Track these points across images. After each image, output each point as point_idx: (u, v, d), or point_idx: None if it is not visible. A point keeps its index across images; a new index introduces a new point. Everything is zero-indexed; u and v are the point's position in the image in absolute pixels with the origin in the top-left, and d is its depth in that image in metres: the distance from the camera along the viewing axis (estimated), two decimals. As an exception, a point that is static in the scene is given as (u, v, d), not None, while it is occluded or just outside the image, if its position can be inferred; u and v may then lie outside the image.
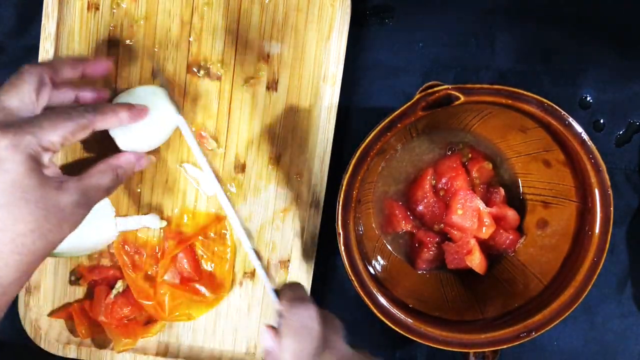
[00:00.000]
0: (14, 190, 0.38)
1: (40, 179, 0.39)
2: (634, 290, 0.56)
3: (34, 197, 0.39)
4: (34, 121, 0.40)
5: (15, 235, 0.38)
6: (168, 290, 0.53)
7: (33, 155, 0.39)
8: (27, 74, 0.42)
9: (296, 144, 0.53)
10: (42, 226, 0.39)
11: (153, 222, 0.53)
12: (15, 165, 0.38)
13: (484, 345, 0.46)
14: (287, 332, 0.42)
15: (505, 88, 0.44)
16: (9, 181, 0.38)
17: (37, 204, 0.39)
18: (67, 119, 0.41)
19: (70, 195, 0.41)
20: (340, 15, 0.51)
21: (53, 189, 0.40)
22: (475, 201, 0.51)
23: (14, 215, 0.38)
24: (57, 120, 0.40)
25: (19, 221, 0.38)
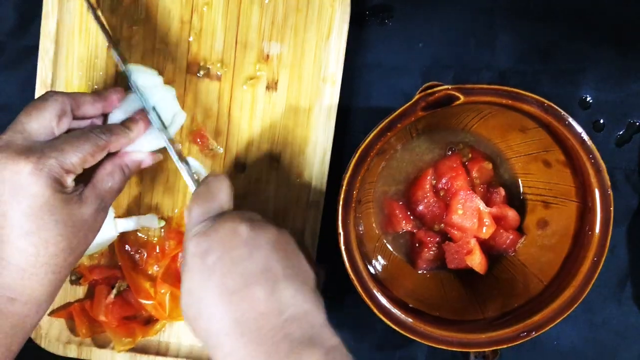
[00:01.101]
0: (43, 214, 0.39)
1: (64, 198, 0.40)
2: (634, 290, 0.56)
3: (61, 217, 0.40)
4: (55, 145, 0.41)
5: (49, 257, 0.40)
6: (168, 290, 0.53)
7: (57, 178, 0.40)
8: (52, 100, 0.43)
9: (296, 144, 0.53)
10: (71, 242, 0.41)
11: (152, 222, 0.54)
12: (41, 189, 0.39)
13: (484, 345, 0.46)
14: (194, 197, 0.42)
15: (505, 88, 0.44)
16: (37, 206, 0.39)
17: (66, 223, 0.40)
18: (86, 142, 0.42)
19: (90, 205, 0.42)
20: (340, 15, 0.51)
21: (76, 204, 0.41)
22: (476, 201, 0.51)
23: (45, 239, 0.39)
24: (77, 143, 0.41)
25: (51, 244, 0.40)
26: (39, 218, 0.39)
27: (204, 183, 0.43)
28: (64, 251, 0.40)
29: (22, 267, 0.39)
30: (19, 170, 0.38)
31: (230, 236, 0.38)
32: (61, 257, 0.40)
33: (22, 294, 0.40)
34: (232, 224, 0.39)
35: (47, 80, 0.52)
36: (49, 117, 0.42)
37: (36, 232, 0.39)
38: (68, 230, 0.40)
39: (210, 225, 0.39)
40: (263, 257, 0.38)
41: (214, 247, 0.38)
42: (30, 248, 0.39)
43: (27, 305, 0.40)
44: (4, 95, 0.56)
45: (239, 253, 0.38)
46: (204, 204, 0.41)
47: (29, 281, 0.40)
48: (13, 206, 0.39)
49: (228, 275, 0.37)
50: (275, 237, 0.40)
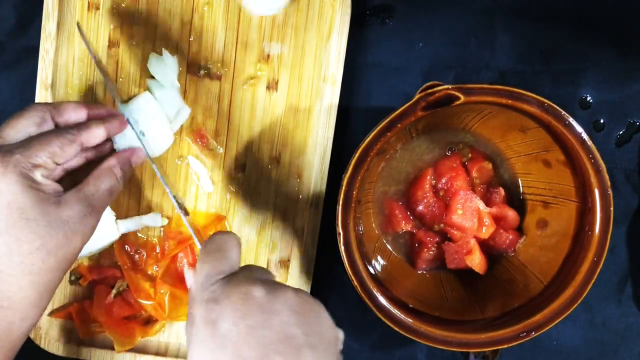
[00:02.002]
0: (12, 212, 0.38)
1: (36, 195, 0.39)
2: (634, 290, 0.56)
3: (32, 215, 0.39)
4: (21, 143, 0.40)
5: (22, 257, 0.38)
6: (168, 290, 0.53)
7: (24, 173, 0.39)
8: (31, 109, 0.42)
9: (296, 144, 0.53)
10: (47, 243, 0.39)
11: (155, 221, 0.54)
12: (7, 185, 0.38)
13: (484, 345, 0.46)
14: (202, 256, 0.39)
15: (505, 88, 0.44)
16: (4, 203, 0.38)
17: (38, 222, 0.39)
18: (53, 136, 0.41)
19: (71, 207, 0.41)
20: (340, 15, 0.51)
21: (52, 204, 0.40)
22: (475, 201, 0.51)
23: (16, 237, 0.38)
24: (43, 138, 0.41)
25: (23, 242, 0.38)
26: (7, 216, 0.38)
27: (213, 240, 0.39)
28: (39, 250, 0.39)
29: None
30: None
31: (245, 300, 0.35)
32: (37, 256, 0.39)
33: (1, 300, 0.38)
34: (246, 287, 0.35)
35: (47, 80, 0.52)
36: (25, 124, 0.41)
37: (7, 231, 0.38)
38: (42, 229, 0.39)
39: (221, 288, 0.36)
40: (282, 323, 0.34)
41: (226, 313, 0.34)
42: (2, 247, 0.38)
43: (9, 311, 0.39)
44: (4, 95, 0.56)
45: (255, 320, 0.34)
46: (213, 264, 0.37)
47: (7, 284, 0.38)
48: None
49: (243, 345, 0.33)
50: (294, 299, 0.36)
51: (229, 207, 0.54)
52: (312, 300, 0.37)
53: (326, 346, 0.35)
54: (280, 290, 0.36)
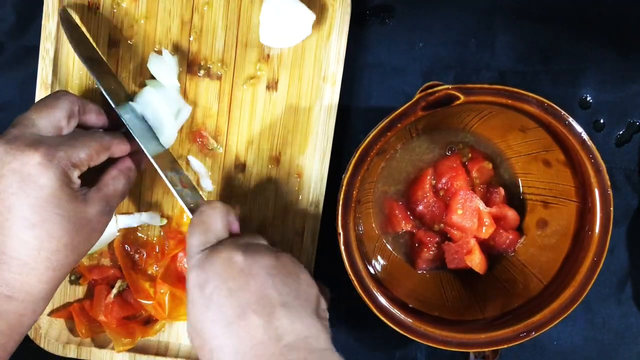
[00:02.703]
0: (49, 207, 0.39)
1: (70, 193, 0.40)
2: (634, 290, 0.56)
3: (66, 212, 0.40)
4: (63, 140, 0.41)
5: (50, 252, 0.40)
6: (168, 290, 0.53)
7: (65, 171, 0.40)
8: (64, 99, 0.44)
9: (296, 144, 0.53)
10: (73, 240, 0.41)
11: (154, 220, 0.54)
12: (49, 181, 0.39)
13: (484, 345, 0.46)
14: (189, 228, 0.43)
15: (505, 88, 0.44)
16: (44, 197, 0.39)
17: (70, 220, 0.40)
18: (93, 139, 0.43)
19: (94, 206, 0.42)
20: (340, 15, 0.51)
21: (81, 203, 0.41)
22: (475, 201, 0.51)
23: (49, 233, 0.39)
24: (85, 139, 0.42)
25: (54, 238, 0.40)
26: (45, 210, 0.39)
27: (199, 213, 0.43)
28: (66, 247, 0.40)
29: (23, 262, 0.39)
30: (28, 161, 0.39)
31: (226, 266, 0.39)
32: (62, 253, 0.40)
33: (20, 291, 0.39)
34: (227, 254, 0.40)
35: (47, 80, 0.52)
36: (59, 116, 0.43)
37: (41, 225, 0.39)
38: (71, 226, 0.40)
39: (206, 256, 0.40)
40: (259, 285, 0.38)
41: (210, 278, 0.39)
42: (34, 241, 0.39)
43: (23, 304, 0.40)
44: (4, 95, 0.56)
45: (235, 283, 0.38)
46: (200, 235, 0.42)
47: (28, 277, 0.39)
48: (20, 197, 0.39)
49: (226, 306, 0.38)
50: (272, 262, 0.40)
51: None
52: (290, 263, 0.41)
53: (301, 303, 0.39)
54: (260, 254, 0.40)
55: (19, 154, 0.39)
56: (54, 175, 0.39)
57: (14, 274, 0.39)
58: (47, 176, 0.39)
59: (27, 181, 0.39)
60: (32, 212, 0.39)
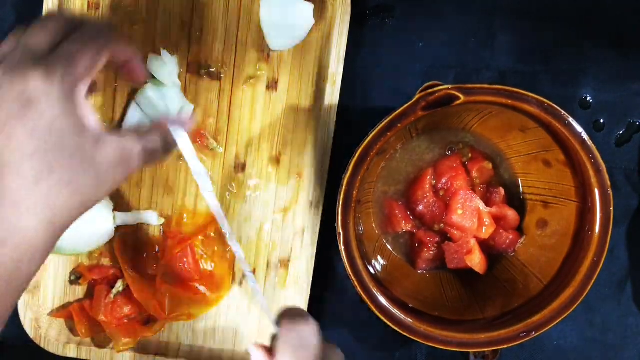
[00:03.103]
0: (50, 136, 0.34)
1: (76, 124, 0.35)
2: (634, 290, 0.56)
3: (70, 144, 0.34)
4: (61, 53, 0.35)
5: (50, 187, 0.34)
6: (168, 290, 0.53)
7: (68, 93, 0.35)
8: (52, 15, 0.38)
9: (296, 144, 0.53)
10: (77, 179, 0.35)
11: (151, 219, 0.54)
12: (50, 105, 0.34)
13: (484, 345, 0.46)
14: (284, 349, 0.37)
15: (505, 88, 0.44)
16: (44, 125, 0.34)
17: (73, 154, 0.35)
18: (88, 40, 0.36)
19: (107, 151, 0.36)
20: (340, 15, 0.51)
21: (90, 140, 0.35)
22: (475, 201, 0.51)
23: (49, 164, 0.34)
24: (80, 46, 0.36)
25: (54, 171, 0.34)
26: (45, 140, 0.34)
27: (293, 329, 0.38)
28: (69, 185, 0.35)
29: (18, 198, 0.34)
30: (27, 83, 0.33)
31: None
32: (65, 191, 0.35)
33: (14, 234, 0.34)
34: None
35: (47, 80, 0.52)
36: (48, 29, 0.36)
37: (40, 155, 0.34)
38: (75, 163, 0.35)
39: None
40: None
41: None
42: (30, 172, 0.34)
43: (19, 249, 0.34)
44: (4, 95, 0.56)
45: None
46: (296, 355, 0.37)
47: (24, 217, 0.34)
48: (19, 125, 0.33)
49: None
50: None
51: (229, 207, 0.54)
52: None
53: None
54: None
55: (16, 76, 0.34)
56: (55, 99, 0.34)
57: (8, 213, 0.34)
58: (48, 103, 0.34)
59: (28, 107, 0.33)
60: (31, 140, 0.33)
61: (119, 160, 0.37)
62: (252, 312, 0.55)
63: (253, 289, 0.43)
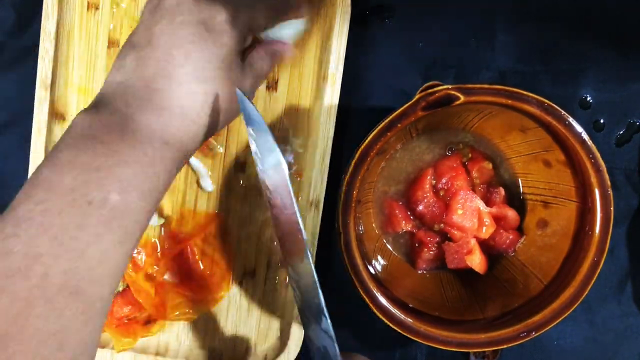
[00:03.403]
0: (223, 66, 0.38)
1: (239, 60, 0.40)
2: (634, 290, 0.56)
3: (233, 76, 0.39)
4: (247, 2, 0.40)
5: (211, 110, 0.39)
6: (168, 290, 0.53)
7: (244, 34, 0.39)
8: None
9: (296, 144, 0.53)
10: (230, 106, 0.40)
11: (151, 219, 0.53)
12: (230, 40, 0.38)
13: (484, 345, 0.46)
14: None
15: (505, 88, 0.44)
16: (221, 55, 0.38)
17: (231, 87, 0.39)
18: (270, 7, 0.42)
19: (248, 80, 0.42)
20: (340, 15, 0.51)
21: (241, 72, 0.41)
22: (475, 201, 0.51)
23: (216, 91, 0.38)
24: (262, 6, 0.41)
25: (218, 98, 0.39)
26: (219, 68, 0.38)
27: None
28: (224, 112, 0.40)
29: (185, 113, 0.37)
30: (215, 16, 0.38)
31: None
32: (220, 115, 0.39)
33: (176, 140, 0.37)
34: None
35: (47, 80, 0.52)
36: None
37: (212, 81, 0.38)
38: (231, 93, 0.39)
39: None
40: None
41: None
42: (202, 95, 0.38)
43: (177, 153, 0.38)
44: (4, 95, 0.56)
45: None
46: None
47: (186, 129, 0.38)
48: (199, 49, 0.37)
49: None
50: None
51: (229, 207, 0.54)
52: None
53: None
54: None
55: (207, 6, 0.38)
56: (235, 36, 0.38)
57: (175, 121, 0.37)
58: (229, 36, 0.38)
59: (210, 35, 0.37)
60: (207, 66, 0.37)
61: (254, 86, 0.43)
62: (252, 312, 0.55)
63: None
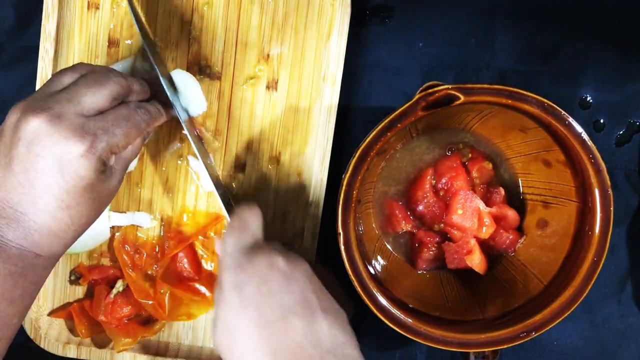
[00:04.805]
0: (84, 192, 0.41)
1: (102, 177, 0.42)
2: (634, 290, 0.56)
3: (98, 194, 0.42)
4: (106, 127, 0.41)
5: (79, 226, 0.42)
6: (168, 290, 0.53)
7: (103, 160, 0.41)
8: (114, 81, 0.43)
9: (296, 144, 0.53)
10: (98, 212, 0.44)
11: (144, 221, 0.54)
12: (89, 172, 0.40)
13: (484, 345, 0.46)
14: (228, 229, 0.43)
15: (505, 88, 0.44)
16: (81, 186, 0.40)
17: (97, 198, 0.42)
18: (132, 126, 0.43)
19: (117, 177, 0.44)
20: (340, 15, 0.51)
21: (108, 179, 0.43)
22: (475, 201, 0.51)
23: (81, 213, 0.41)
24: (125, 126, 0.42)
25: (85, 216, 0.42)
26: (80, 195, 0.41)
27: (237, 215, 0.44)
28: (92, 220, 0.43)
29: (53, 232, 0.41)
30: (71, 151, 0.39)
31: (267, 268, 0.39)
32: (88, 224, 0.43)
33: (47, 251, 0.42)
34: (269, 256, 0.40)
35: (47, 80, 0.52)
36: (107, 95, 0.42)
37: (75, 207, 0.41)
38: (99, 204, 0.43)
39: (245, 257, 0.40)
40: (300, 289, 0.39)
41: (251, 278, 0.39)
42: (67, 219, 0.41)
43: (49, 260, 0.43)
44: (4, 95, 0.56)
45: (277, 284, 0.38)
46: (238, 237, 0.42)
47: (57, 243, 0.42)
48: (57, 181, 0.39)
49: (265, 306, 0.37)
50: (310, 270, 0.41)
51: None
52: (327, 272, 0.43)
53: (337, 310, 0.40)
54: (299, 261, 0.41)
55: (62, 141, 0.39)
56: (94, 167, 0.40)
57: (44, 239, 0.41)
58: (87, 168, 0.40)
59: (67, 169, 0.39)
60: (67, 196, 0.40)
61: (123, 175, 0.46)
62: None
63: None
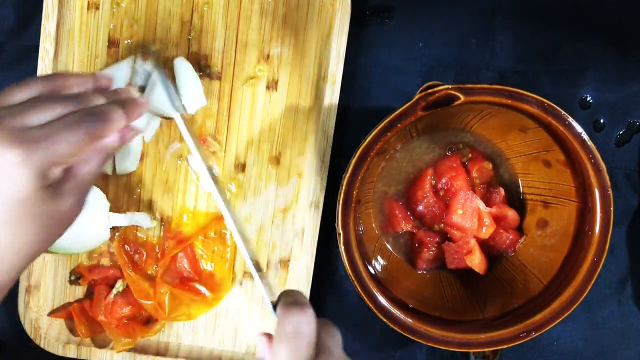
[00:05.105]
0: (21, 208, 0.37)
1: (45, 193, 0.38)
2: (634, 290, 0.56)
3: (38, 211, 0.38)
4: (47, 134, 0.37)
5: (19, 248, 0.38)
6: (168, 290, 0.53)
7: (42, 173, 0.37)
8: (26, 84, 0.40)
9: (296, 144, 0.53)
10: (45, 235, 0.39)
11: (144, 221, 0.54)
12: (26, 182, 0.36)
13: (484, 345, 0.46)
14: (280, 337, 0.37)
15: (505, 88, 0.44)
16: (19, 198, 0.37)
17: (41, 218, 0.38)
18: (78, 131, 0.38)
19: (69, 199, 0.40)
20: (340, 15, 0.51)
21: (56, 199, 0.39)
22: (475, 201, 0.51)
23: (19, 231, 0.38)
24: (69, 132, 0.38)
25: (24, 236, 0.38)
26: (19, 209, 0.37)
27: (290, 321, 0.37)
28: (38, 243, 0.39)
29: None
30: (6, 159, 0.36)
31: None
32: (33, 247, 0.39)
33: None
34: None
35: (47, 80, 0.52)
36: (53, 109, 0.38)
37: (14, 223, 0.37)
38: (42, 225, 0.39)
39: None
40: None
41: None
42: (5, 238, 0.37)
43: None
44: (4, 95, 0.56)
45: None
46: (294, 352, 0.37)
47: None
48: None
49: None
50: None
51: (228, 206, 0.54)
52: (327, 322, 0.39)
53: None
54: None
55: None
56: (32, 177, 0.36)
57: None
58: (24, 178, 0.36)
59: (3, 179, 0.36)
60: (5, 210, 0.37)
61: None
62: (252, 312, 0.55)
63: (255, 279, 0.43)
